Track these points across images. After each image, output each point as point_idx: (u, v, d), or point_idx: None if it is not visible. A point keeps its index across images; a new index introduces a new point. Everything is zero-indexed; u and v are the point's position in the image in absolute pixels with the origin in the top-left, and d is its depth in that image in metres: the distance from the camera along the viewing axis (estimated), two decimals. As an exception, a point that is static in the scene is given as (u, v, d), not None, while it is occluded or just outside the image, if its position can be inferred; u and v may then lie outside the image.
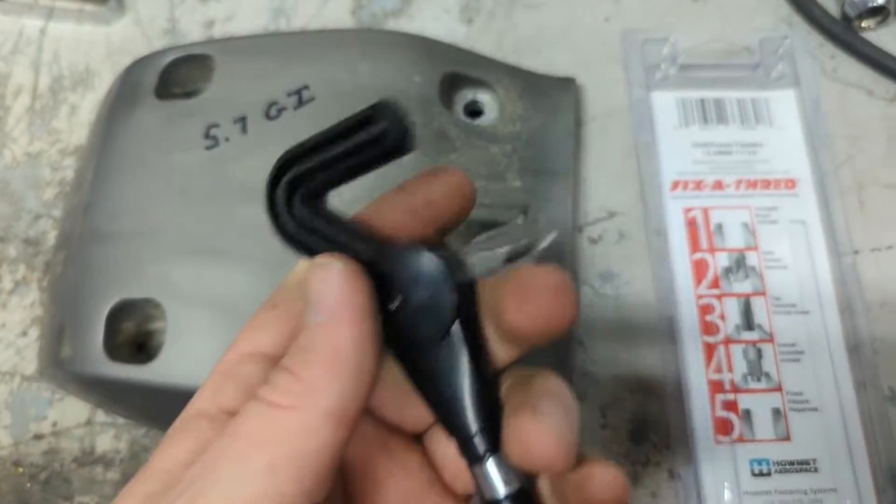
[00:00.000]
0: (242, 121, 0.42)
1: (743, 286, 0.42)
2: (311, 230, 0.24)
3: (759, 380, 0.40)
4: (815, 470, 0.39)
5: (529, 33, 0.52)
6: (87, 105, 0.52)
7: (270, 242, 0.40)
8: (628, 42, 0.48)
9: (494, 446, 0.23)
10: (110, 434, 0.44)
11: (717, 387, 0.40)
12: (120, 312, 0.40)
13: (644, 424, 0.42)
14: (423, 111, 0.42)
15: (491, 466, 0.24)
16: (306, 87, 0.42)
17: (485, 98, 0.46)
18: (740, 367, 0.41)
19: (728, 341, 0.41)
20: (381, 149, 0.23)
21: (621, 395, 0.42)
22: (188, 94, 0.45)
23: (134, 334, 0.42)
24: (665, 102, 0.47)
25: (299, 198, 0.24)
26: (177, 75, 0.45)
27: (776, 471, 0.39)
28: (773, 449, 0.39)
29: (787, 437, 0.39)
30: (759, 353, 0.41)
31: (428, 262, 0.23)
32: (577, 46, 0.51)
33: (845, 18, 0.49)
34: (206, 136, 0.42)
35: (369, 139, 0.23)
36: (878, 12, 0.49)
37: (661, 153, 0.45)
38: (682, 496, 0.39)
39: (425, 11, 0.53)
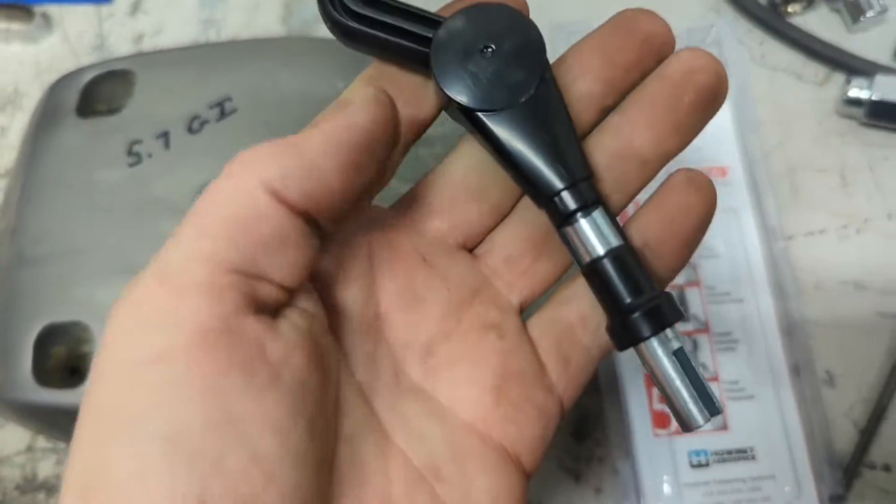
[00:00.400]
0: (165, 136, 0.41)
1: (676, 279, 0.42)
2: (370, 22, 0.24)
3: None
4: (753, 458, 0.39)
5: (460, 33, 0.51)
6: (17, 126, 0.51)
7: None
8: (556, 35, 0.48)
9: (591, 202, 0.23)
10: (52, 460, 0.44)
11: (652, 380, 0.40)
12: (48, 337, 0.39)
13: (585, 421, 0.42)
14: (348, 117, 0.42)
15: (586, 224, 0.23)
16: (228, 99, 0.42)
17: (413, 101, 0.46)
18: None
19: None
20: None
21: (562, 392, 0.42)
22: (112, 111, 0.44)
23: (66, 358, 0.41)
24: None
25: None
26: (99, 92, 0.45)
27: (714, 461, 0.39)
28: (711, 439, 0.39)
29: (724, 427, 0.40)
30: (695, 344, 0.41)
31: (511, 12, 0.24)
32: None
33: (772, 4, 0.49)
34: (129, 152, 0.41)
35: None
36: (804, -3, 0.49)
37: None
38: (620, 492, 0.39)
39: (355, 15, 0.52)
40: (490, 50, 0.23)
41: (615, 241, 0.23)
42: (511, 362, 0.26)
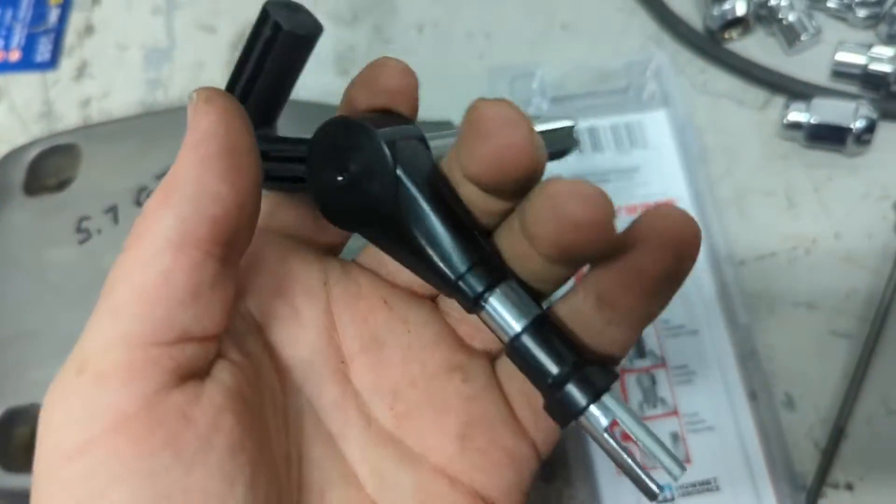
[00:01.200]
0: (113, 210, 0.41)
1: (643, 362, 0.43)
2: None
3: (655, 406, 0.41)
4: (717, 488, 0.40)
5: (406, 78, 0.52)
6: (-32, 201, 0.51)
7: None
8: (496, 80, 0.48)
9: (494, 279, 0.22)
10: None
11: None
12: (10, 420, 0.39)
13: (551, 462, 0.42)
14: (296, 178, 0.42)
15: (496, 304, 0.22)
16: (175, 169, 0.42)
17: (362, 153, 0.46)
18: (636, 395, 0.41)
19: (622, 371, 0.42)
20: (286, 44, 0.23)
21: (528, 434, 0.43)
22: (61, 185, 0.45)
23: (30, 438, 0.41)
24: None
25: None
26: (46, 168, 0.45)
27: (679, 494, 0.40)
28: None
29: (686, 460, 0.40)
30: (653, 380, 0.42)
31: (354, 126, 0.23)
32: (453, 87, 0.51)
33: (710, 32, 0.50)
34: (78, 229, 0.41)
35: (266, 42, 0.23)
36: (739, 23, 0.50)
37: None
38: (589, 533, 0.40)
39: (301, 67, 0.53)
40: (345, 172, 0.23)
41: (530, 314, 0.22)
42: (476, 408, 0.25)
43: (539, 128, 0.24)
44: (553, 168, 0.24)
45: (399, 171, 0.22)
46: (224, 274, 0.21)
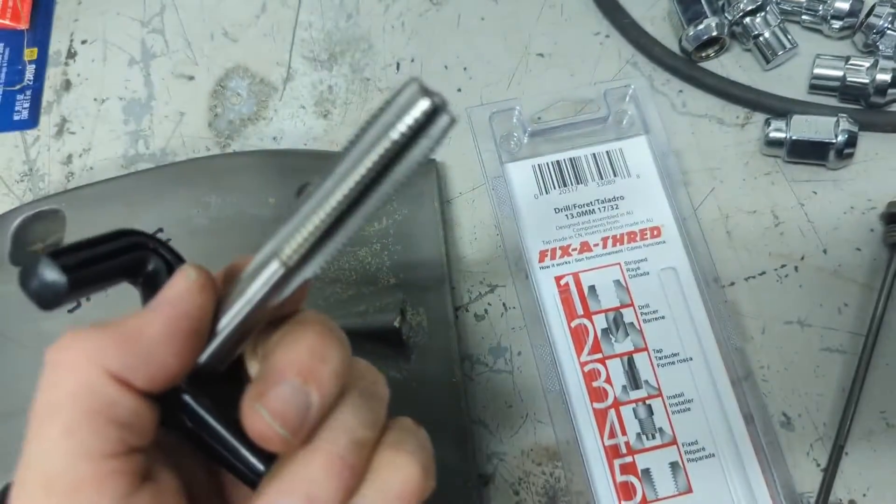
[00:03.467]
0: (101, 276, 0.41)
1: (624, 345, 0.43)
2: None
3: (653, 437, 0.41)
4: (721, 517, 0.40)
5: (386, 116, 0.52)
6: (-44, 267, 0.50)
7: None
8: (476, 117, 0.48)
9: None
10: None
11: (613, 452, 0.41)
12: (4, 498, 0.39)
13: (555, 495, 0.42)
14: (282, 231, 0.42)
15: None
16: (160, 230, 0.42)
17: (347, 199, 0.46)
18: (633, 427, 0.41)
19: (617, 403, 0.42)
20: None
21: (530, 469, 0.43)
22: (50, 248, 0.44)
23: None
24: (521, 172, 0.47)
25: None
26: (31, 234, 0.45)
27: None
28: None
29: (688, 489, 0.40)
30: (650, 410, 0.42)
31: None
32: (434, 122, 0.51)
33: (685, 53, 0.50)
34: (68, 298, 0.41)
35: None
36: (715, 42, 0.50)
37: (525, 226, 0.46)
38: (596, 569, 0.40)
39: (281, 112, 0.53)
40: None
41: None
42: None
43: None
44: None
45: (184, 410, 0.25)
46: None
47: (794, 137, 0.46)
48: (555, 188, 0.47)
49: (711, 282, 0.44)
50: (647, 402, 0.42)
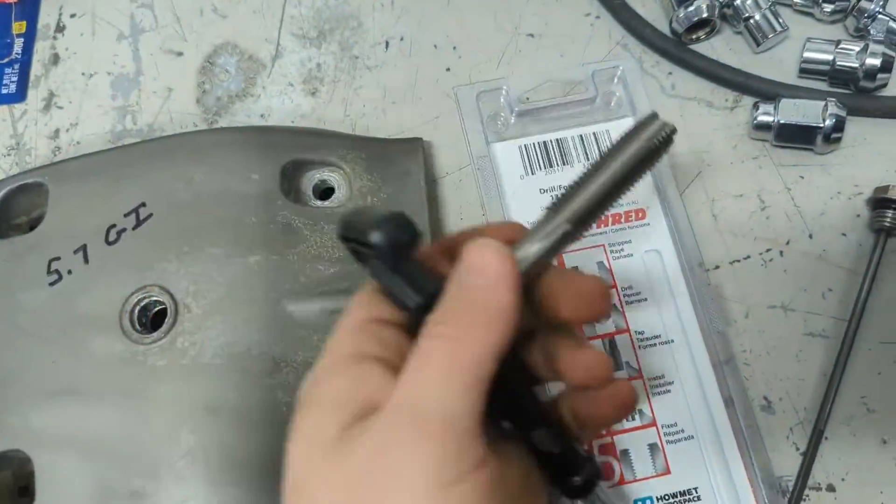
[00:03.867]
0: (83, 250, 0.41)
1: (606, 327, 0.43)
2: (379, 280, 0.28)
3: (633, 418, 0.41)
4: (698, 498, 0.40)
5: (374, 95, 0.52)
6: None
7: (126, 373, 0.40)
8: (463, 97, 0.48)
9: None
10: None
11: (593, 433, 0.41)
12: (-10, 466, 0.40)
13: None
14: (265, 207, 0.42)
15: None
16: (143, 205, 0.42)
17: (332, 177, 0.46)
18: None
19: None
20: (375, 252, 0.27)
21: (510, 450, 0.43)
22: (34, 221, 0.44)
23: (13, 481, 0.41)
24: (507, 152, 0.47)
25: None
26: (15, 207, 0.45)
27: None
28: (655, 485, 0.40)
29: (666, 471, 0.40)
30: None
31: None
32: (422, 102, 0.51)
33: (675, 34, 0.50)
34: (49, 271, 0.41)
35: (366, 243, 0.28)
36: (705, 24, 0.50)
37: (510, 206, 0.46)
38: (571, 549, 0.40)
39: (269, 89, 0.52)
40: None
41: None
42: None
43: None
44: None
45: None
46: None
47: (782, 121, 0.46)
48: (541, 169, 0.46)
49: (696, 265, 0.44)
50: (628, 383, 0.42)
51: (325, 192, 0.46)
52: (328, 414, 0.26)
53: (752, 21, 0.49)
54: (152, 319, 0.41)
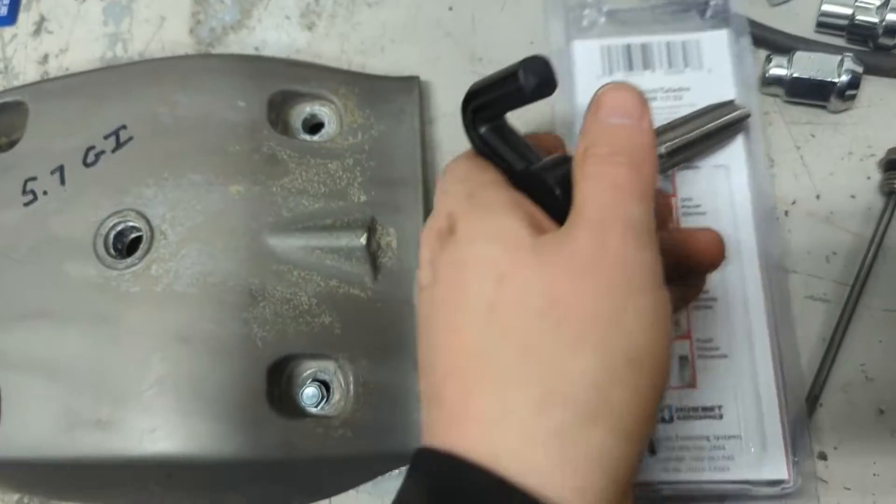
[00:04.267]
0: (60, 171, 0.40)
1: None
2: (492, 145, 0.32)
3: None
4: (720, 416, 0.39)
5: (373, 32, 0.50)
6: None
7: (98, 298, 0.38)
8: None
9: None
10: (-13, 501, 0.43)
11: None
12: (-44, 387, 0.39)
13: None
14: (250, 136, 0.41)
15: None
16: (123, 128, 0.40)
17: (322, 111, 0.44)
18: None
19: None
20: (522, 94, 0.30)
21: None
22: (12, 143, 0.43)
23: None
24: (588, 51, 0.46)
25: (481, 120, 0.32)
26: (-6, 127, 0.43)
27: (678, 417, 0.39)
28: (677, 395, 0.39)
29: (692, 384, 0.40)
30: None
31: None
32: (422, 41, 0.49)
33: (690, -18, 0.48)
34: (24, 191, 0.40)
35: (513, 89, 0.30)
36: (721, -27, 0.47)
37: (580, 105, 0.44)
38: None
39: (265, 21, 0.51)
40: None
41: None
42: None
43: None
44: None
45: None
46: None
47: (795, 75, 0.44)
48: (620, 71, 0.45)
49: (763, 193, 0.44)
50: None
51: (314, 126, 0.45)
52: (512, 220, 0.28)
53: (770, -29, 0.47)
54: (128, 246, 0.40)
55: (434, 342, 0.28)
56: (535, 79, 0.29)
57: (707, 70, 0.45)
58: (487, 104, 0.32)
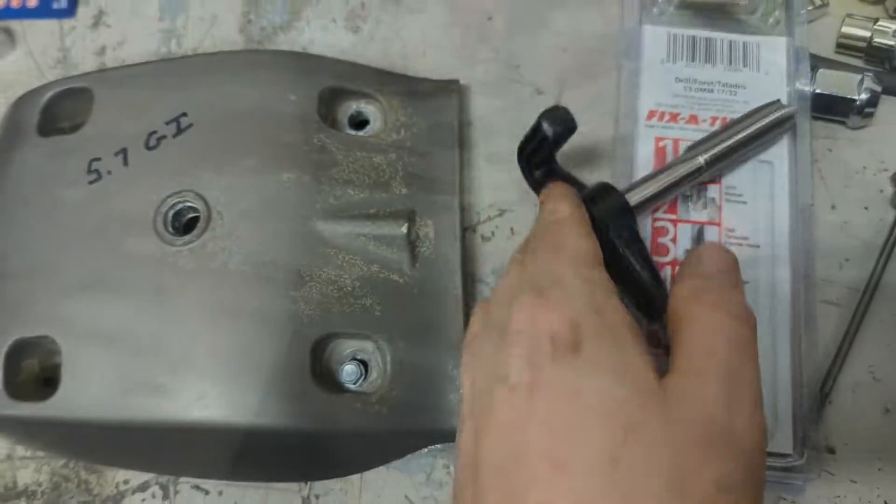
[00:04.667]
0: (123, 153, 0.42)
1: (699, 215, 0.44)
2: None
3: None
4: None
5: (415, 37, 0.52)
6: (-16, 143, 0.52)
7: (156, 272, 0.41)
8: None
9: None
10: (31, 468, 0.45)
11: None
12: (18, 351, 0.41)
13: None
14: (301, 128, 0.43)
15: None
16: (184, 115, 0.43)
17: (368, 108, 0.47)
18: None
19: (675, 263, 0.43)
20: (548, 142, 0.37)
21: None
22: (75, 127, 0.46)
23: (38, 370, 0.42)
24: (656, 36, 0.49)
25: (534, 166, 0.40)
26: (60, 110, 0.46)
27: None
28: None
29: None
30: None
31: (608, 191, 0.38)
32: (462, 47, 0.52)
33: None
34: (89, 170, 0.42)
35: (541, 138, 0.37)
36: (746, -7, 0.50)
37: (643, 83, 0.48)
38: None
39: (313, 23, 0.53)
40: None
41: None
42: None
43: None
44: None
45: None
46: None
47: (817, 91, 0.46)
48: (682, 59, 0.48)
49: (801, 190, 0.46)
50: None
51: (359, 123, 0.47)
52: (640, 356, 0.27)
53: (794, -6, 0.49)
54: (185, 224, 0.42)
55: (515, 457, 0.25)
56: (554, 127, 0.36)
57: (764, 73, 0.48)
58: (532, 152, 0.38)
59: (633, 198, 0.40)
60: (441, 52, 0.52)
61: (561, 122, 0.36)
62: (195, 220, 0.41)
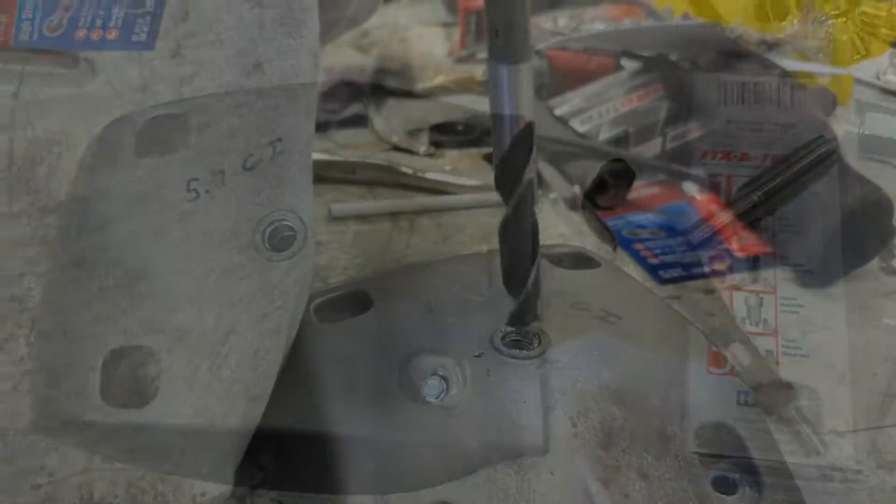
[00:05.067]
0: (221, 173, 0.45)
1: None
2: None
3: (756, 325, 0.45)
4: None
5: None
6: (65, 165, 0.54)
7: (246, 284, 0.43)
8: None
9: None
10: (107, 479, 0.46)
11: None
12: (113, 360, 0.42)
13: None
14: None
15: None
16: (279, 140, 0.45)
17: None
18: (740, 311, 0.45)
19: (731, 288, 0.46)
20: None
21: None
22: (168, 151, 0.48)
23: (130, 379, 0.44)
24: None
25: None
26: (153, 134, 0.48)
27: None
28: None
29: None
30: (761, 302, 0.45)
31: None
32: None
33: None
34: (188, 189, 0.45)
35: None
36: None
37: None
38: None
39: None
40: None
41: None
42: None
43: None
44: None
45: None
46: None
47: (865, 132, 0.50)
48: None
49: None
50: (760, 295, 0.45)
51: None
52: None
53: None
54: (279, 241, 0.44)
55: None
56: None
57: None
58: None
59: None
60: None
61: None
62: (290, 237, 0.43)
